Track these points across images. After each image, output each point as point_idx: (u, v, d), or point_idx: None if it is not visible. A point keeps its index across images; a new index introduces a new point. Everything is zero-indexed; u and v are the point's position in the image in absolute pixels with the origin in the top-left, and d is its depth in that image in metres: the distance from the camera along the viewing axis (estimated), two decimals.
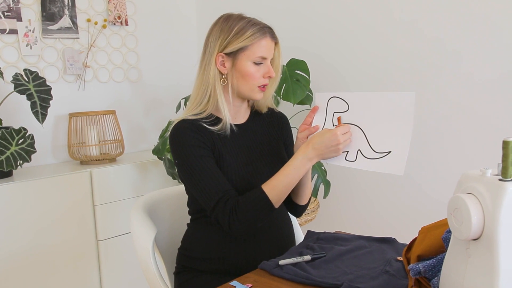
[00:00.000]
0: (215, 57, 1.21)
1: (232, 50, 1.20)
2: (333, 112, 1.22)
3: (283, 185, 1.14)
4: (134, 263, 2.21)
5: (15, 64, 2.20)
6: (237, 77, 1.22)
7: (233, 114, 1.29)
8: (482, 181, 0.72)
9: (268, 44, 1.22)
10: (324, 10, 2.33)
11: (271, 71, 1.24)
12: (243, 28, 1.20)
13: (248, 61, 1.20)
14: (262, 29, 1.21)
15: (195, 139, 1.19)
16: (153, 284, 1.29)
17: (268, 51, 1.22)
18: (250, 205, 1.13)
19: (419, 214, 2.08)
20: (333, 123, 1.22)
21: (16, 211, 1.87)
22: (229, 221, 1.13)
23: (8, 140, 1.87)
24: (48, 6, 2.28)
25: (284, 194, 1.16)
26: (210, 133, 1.23)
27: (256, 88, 1.23)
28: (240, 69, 1.21)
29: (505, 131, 1.78)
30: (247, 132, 1.31)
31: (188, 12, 2.94)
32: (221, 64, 1.22)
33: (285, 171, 1.16)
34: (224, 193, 1.15)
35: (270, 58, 1.24)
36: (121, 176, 2.20)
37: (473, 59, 1.86)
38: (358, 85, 2.24)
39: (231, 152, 1.24)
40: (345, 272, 1.05)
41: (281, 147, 1.36)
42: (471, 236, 0.71)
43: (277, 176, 1.16)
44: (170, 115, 2.75)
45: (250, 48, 1.20)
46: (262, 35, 1.21)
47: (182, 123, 1.22)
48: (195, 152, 1.18)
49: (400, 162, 1.10)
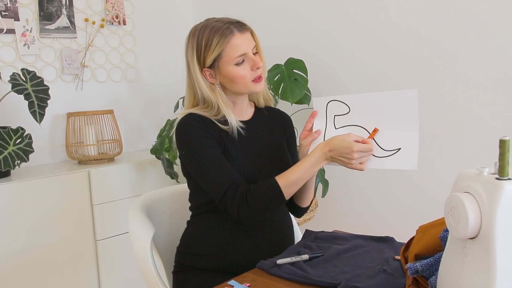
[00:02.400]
0: (202, 74, 1.23)
1: (210, 62, 1.21)
2: (333, 116, 1.22)
3: (297, 178, 1.15)
4: (132, 263, 2.21)
5: (12, 63, 2.19)
6: (228, 82, 1.23)
7: (238, 111, 1.31)
8: (479, 180, 0.73)
9: (240, 39, 1.18)
10: (322, 10, 2.33)
11: (257, 61, 1.21)
12: (208, 38, 1.19)
13: (229, 65, 1.19)
14: (227, 30, 1.18)
15: (202, 130, 1.20)
16: (151, 283, 1.29)
17: (243, 45, 1.19)
18: (262, 193, 1.14)
19: (417, 213, 2.09)
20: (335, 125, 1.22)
21: (14, 211, 1.87)
22: (238, 208, 1.14)
23: (6, 140, 1.87)
24: (46, 6, 2.28)
25: (296, 188, 1.17)
26: (217, 127, 1.23)
27: (250, 83, 1.23)
28: (227, 74, 1.21)
29: (501, 130, 1.79)
30: (252, 128, 1.31)
31: (186, 12, 2.94)
32: (210, 77, 1.23)
33: (302, 165, 1.16)
34: (234, 180, 1.16)
35: (250, 50, 1.20)
36: (119, 176, 2.19)
37: (470, 59, 1.86)
38: (356, 84, 2.24)
39: (236, 147, 1.25)
40: (342, 271, 1.05)
41: (284, 145, 1.37)
42: (468, 235, 0.71)
43: (293, 169, 1.16)
44: (168, 114, 2.75)
45: (224, 53, 1.18)
46: (229, 35, 1.18)
47: (189, 116, 1.22)
48: (203, 143, 1.18)
49: (412, 157, 1.11)
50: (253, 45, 1.22)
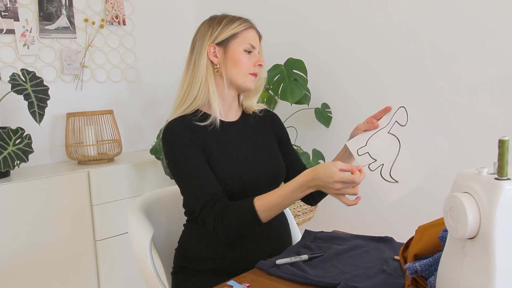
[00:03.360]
0: (207, 49, 1.25)
1: (223, 38, 1.25)
2: (395, 121, 1.20)
3: (276, 204, 1.10)
4: (132, 263, 2.21)
5: (12, 64, 2.19)
6: (230, 64, 1.25)
7: (226, 111, 1.31)
8: (478, 180, 0.72)
9: (255, 35, 1.29)
10: (321, 10, 2.33)
11: (261, 59, 1.29)
12: (231, 20, 1.27)
13: (240, 47, 1.25)
14: (248, 22, 1.29)
15: (186, 138, 1.20)
16: (151, 284, 1.29)
17: (256, 41, 1.29)
18: (237, 214, 1.12)
19: (416, 213, 2.08)
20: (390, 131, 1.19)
21: (14, 212, 1.87)
22: (214, 224, 1.13)
23: (5, 140, 1.87)
24: (46, 6, 2.28)
25: (275, 213, 1.12)
26: (201, 130, 1.23)
27: (248, 76, 1.26)
28: (233, 56, 1.25)
29: (501, 130, 1.78)
30: (239, 129, 1.32)
31: (186, 12, 2.94)
32: (213, 55, 1.25)
33: (282, 190, 1.11)
34: (213, 195, 1.15)
35: (257, 49, 1.29)
36: (119, 176, 2.19)
37: (470, 59, 1.86)
38: (354, 84, 2.24)
39: (222, 148, 1.25)
40: (342, 271, 1.05)
41: (274, 146, 1.37)
42: (467, 235, 0.71)
43: (273, 194, 1.11)
44: (168, 114, 2.72)
45: (240, 35, 1.25)
46: (249, 26, 1.28)
47: (174, 122, 1.24)
48: (187, 153, 1.18)
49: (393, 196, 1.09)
50: (259, 48, 1.31)
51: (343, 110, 2.30)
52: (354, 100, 2.26)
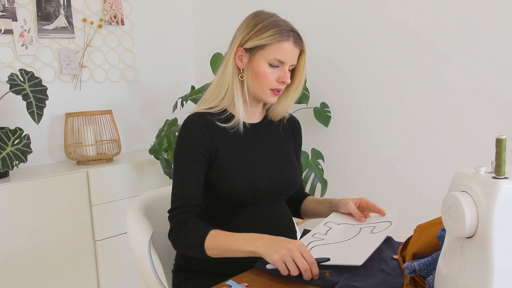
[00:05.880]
0: (235, 51, 1.20)
1: (250, 46, 1.18)
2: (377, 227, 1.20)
3: (225, 248, 1.06)
4: (131, 263, 2.21)
5: (10, 64, 2.19)
6: (251, 75, 1.20)
7: (248, 113, 1.28)
8: (476, 179, 0.72)
9: (290, 49, 1.17)
10: (320, 9, 2.33)
11: (287, 76, 1.19)
12: (266, 26, 1.17)
13: (263, 60, 1.17)
14: (287, 32, 1.17)
15: (196, 137, 1.18)
16: (150, 284, 1.29)
17: (288, 56, 1.18)
18: (187, 238, 1.10)
19: (414, 213, 2.09)
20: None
21: (13, 212, 1.87)
22: (170, 232, 1.15)
23: (4, 140, 1.87)
24: (44, 6, 2.28)
25: (223, 255, 1.07)
26: (219, 131, 1.21)
27: (268, 91, 1.20)
28: (254, 67, 1.18)
29: (498, 129, 1.79)
30: (259, 131, 1.29)
31: (185, 12, 2.93)
32: (239, 59, 1.20)
33: (235, 238, 1.05)
34: (185, 204, 1.14)
35: (289, 63, 1.19)
36: (118, 176, 2.19)
37: (468, 59, 1.86)
38: (353, 83, 2.24)
39: (239, 151, 1.22)
40: (340, 271, 1.05)
41: (292, 151, 1.35)
42: (465, 234, 0.71)
43: (227, 237, 1.06)
44: (166, 114, 2.74)
45: (268, 48, 1.16)
46: (285, 38, 1.17)
47: (193, 117, 1.21)
48: (188, 152, 1.18)
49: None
50: (294, 62, 1.21)
51: (342, 109, 2.30)
52: (353, 100, 2.26)
